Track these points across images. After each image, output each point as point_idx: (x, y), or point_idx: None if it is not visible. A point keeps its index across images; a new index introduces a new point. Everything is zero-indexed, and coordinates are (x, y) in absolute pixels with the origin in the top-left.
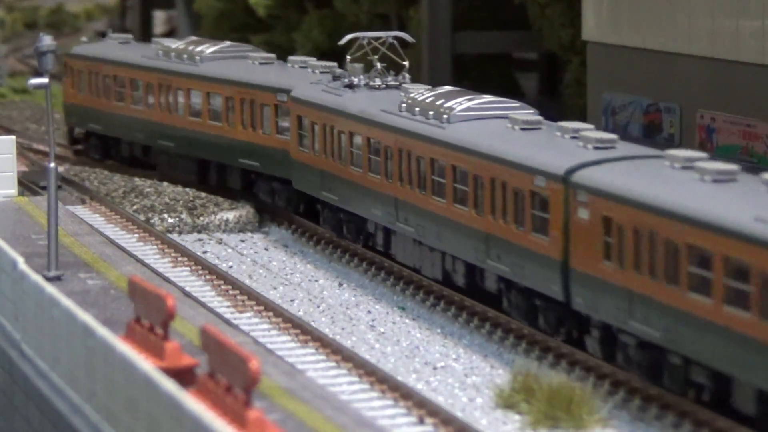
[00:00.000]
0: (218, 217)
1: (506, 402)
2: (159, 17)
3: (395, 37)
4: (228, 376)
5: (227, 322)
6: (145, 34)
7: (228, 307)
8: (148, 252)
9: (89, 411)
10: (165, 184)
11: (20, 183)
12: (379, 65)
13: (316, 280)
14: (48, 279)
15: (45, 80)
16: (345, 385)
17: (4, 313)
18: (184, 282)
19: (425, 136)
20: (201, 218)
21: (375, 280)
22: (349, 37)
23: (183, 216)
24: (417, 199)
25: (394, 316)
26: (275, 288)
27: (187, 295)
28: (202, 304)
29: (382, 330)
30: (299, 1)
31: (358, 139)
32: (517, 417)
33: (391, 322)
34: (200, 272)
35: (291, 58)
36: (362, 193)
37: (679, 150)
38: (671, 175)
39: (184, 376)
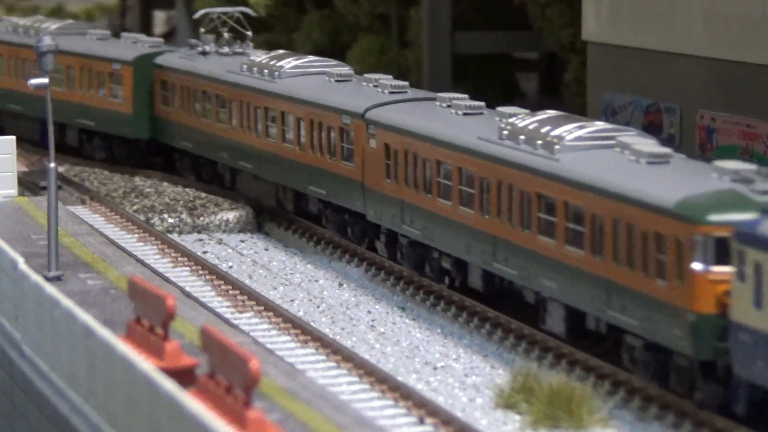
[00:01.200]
0: (218, 217)
1: (506, 402)
2: (159, 17)
3: (241, 12)
4: (228, 376)
5: (227, 322)
6: (145, 34)
7: (228, 307)
8: (148, 252)
9: (89, 411)
10: (165, 184)
11: (20, 183)
12: (226, 35)
13: (316, 280)
14: (48, 279)
15: (45, 80)
16: (345, 385)
17: (4, 313)
18: (184, 282)
19: (260, 90)
20: (201, 218)
21: (375, 280)
22: (201, 12)
23: (183, 216)
24: (255, 141)
25: (394, 316)
26: (275, 288)
27: (187, 295)
28: (202, 304)
29: (382, 330)
30: (299, 1)
31: (207, 96)
32: (517, 417)
33: (391, 322)
34: (200, 272)
35: (124, 34)
36: (212, 140)
37: (448, 93)
38: (435, 111)
39: (184, 376)
